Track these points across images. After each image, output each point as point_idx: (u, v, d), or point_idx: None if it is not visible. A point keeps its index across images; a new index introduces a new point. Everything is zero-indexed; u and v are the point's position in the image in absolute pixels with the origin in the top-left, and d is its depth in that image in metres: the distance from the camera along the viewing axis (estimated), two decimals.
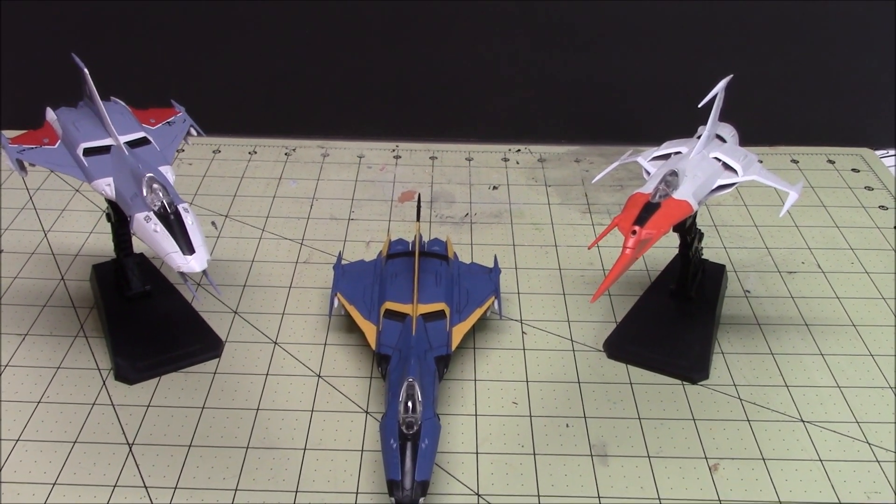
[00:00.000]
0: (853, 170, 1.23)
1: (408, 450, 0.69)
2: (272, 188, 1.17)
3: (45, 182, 1.16)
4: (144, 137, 0.82)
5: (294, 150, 1.27)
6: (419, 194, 1.01)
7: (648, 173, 0.83)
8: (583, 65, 1.29)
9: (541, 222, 1.11)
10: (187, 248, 0.69)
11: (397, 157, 1.26)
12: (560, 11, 1.24)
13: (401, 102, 1.31)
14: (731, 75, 0.87)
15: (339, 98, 1.31)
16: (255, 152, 1.26)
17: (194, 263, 0.69)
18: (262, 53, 1.28)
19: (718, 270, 0.99)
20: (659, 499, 0.74)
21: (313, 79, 1.30)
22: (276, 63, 1.29)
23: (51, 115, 0.87)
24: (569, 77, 1.30)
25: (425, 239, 0.96)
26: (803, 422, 0.82)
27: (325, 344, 0.90)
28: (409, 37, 1.27)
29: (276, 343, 0.90)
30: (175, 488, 0.74)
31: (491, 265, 0.94)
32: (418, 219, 0.95)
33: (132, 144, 0.81)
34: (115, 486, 0.74)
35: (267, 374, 0.86)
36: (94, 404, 0.82)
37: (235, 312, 0.94)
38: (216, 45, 1.28)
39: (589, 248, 1.02)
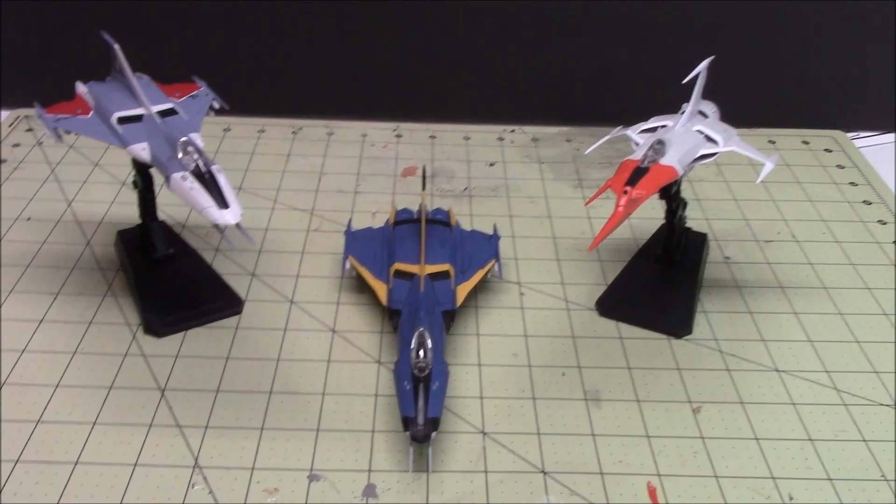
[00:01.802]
0: (826, 150, 1.32)
1: (420, 390, 0.76)
2: (281, 164, 1.24)
3: (65, 157, 1.22)
4: (173, 108, 0.88)
5: (300, 129, 1.33)
6: (424, 166, 1.07)
7: (637, 144, 0.91)
8: (574, 51, 1.36)
9: (535, 196, 1.18)
10: (222, 202, 0.76)
11: (398, 136, 1.33)
12: (552, 4, 1.32)
13: (401, 85, 1.38)
14: (713, 56, 0.95)
15: (343, 81, 1.37)
16: (264, 131, 1.32)
17: (229, 216, 0.75)
18: (269, 38, 1.34)
19: (701, 238, 1.06)
20: (647, 436, 0.82)
21: (318, 62, 1.36)
22: (282, 47, 1.35)
23: (81, 88, 0.93)
24: (560, 62, 1.37)
25: (429, 209, 1.03)
26: (778, 371, 0.90)
27: (338, 303, 0.97)
28: (409, 24, 1.34)
29: (292, 302, 0.97)
30: (206, 427, 0.81)
31: (490, 233, 1.01)
32: (424, 188, 1.02)
33: (161, 114, 0.87)
34: (150, 426, 0.81)
35: (285, 330, 0.93)
36: (126, 355, 0.89)
37: (253, 275, 1.01)
38: (226, 31, 1.34)
39: (586, 205, 1.09)
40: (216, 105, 0.94)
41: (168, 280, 0.96)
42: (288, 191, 1.18)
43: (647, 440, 0.81)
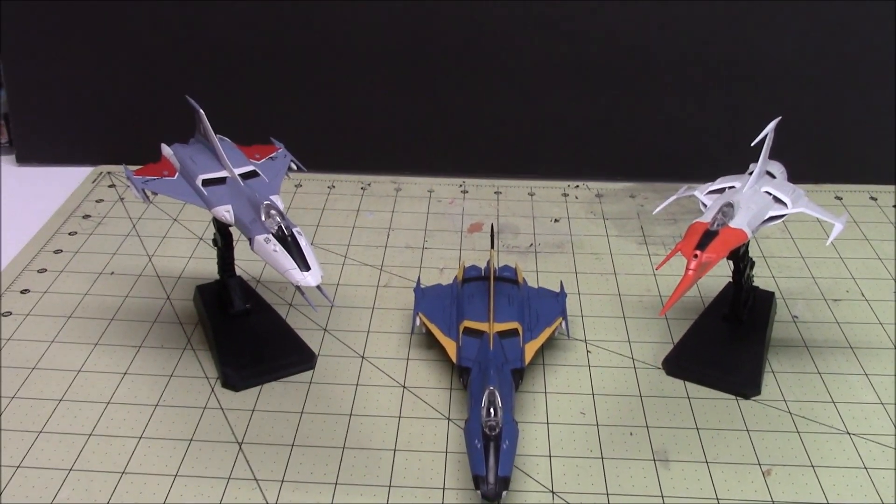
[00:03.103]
0: (895, 206, 1.31)
1: (491, 449, 0.78)
2: (351, 219, 1.28)
3: (146, 212, 1.27)
4: (254, 170, 0.92)
5: (369, 184, 1.37)
6: (493, 224, 1.10)
7: (705, 206, 0.92)
8: (637, 108, 1.38)
9: (600, 252, 1.20)
10: (303, 265, 0.79)
11: (464, 191, 1.36)
12: (614, 61, 1.34)
13: (467, 142, 1.41)
14: (780, 117, 0.96)
15: (410, 138, 1.41)
16: (334, 187, 1.37)
17: (310, 278, 0.78)
18: (338, 98, 1.39)
19: (768, 297, 1.06)
20: (717, 499, 0.82)
21: (386, 120, 1.40)
22: (350, 105, 1.39)
23: (167, 150, 0.97)
24: (624, 119, 1.39)
25: (496, 266, 1.05)
26: (849, 434, 0.89)
27: (408, 359, 0.99)
28: (474, 84, 1.37)
29: (363, 357, 0.99)
30: (282, 481, 0.83)
31: (556, 290, 1.03)
32: (492, 246, 1.04)
33: (244, 177, 0.91)
34: (229, 479, 0.83)
35: (357, 385, 0.95)
36: (205, 408, 0.92)
37: (325, 330, 1.04)
38: (296, 92, 1.39)
39: (656, 269, 1.10)
40: (293, 166, 0.98)
41: (245, 335, 1.00)
42: (358, 246, 1.21)
43: (716, 503, 0.81)
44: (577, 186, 1.37)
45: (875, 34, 1.31)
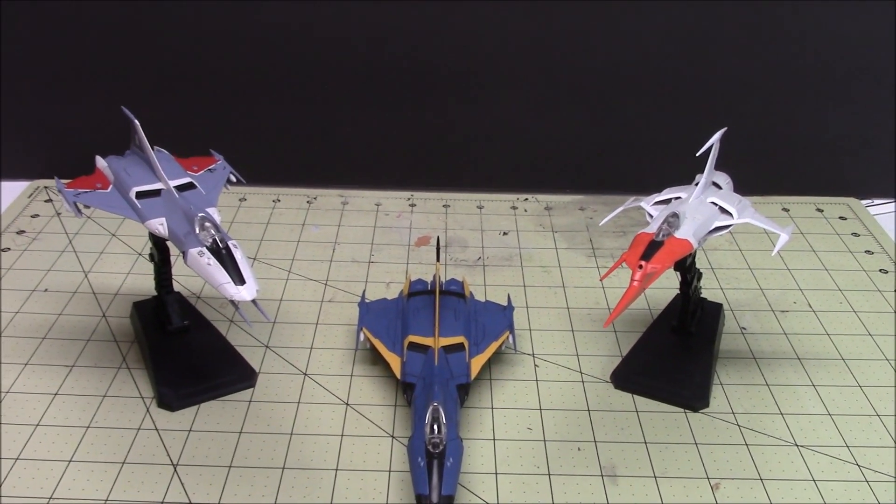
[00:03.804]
0: (840, 218, 1.32)
1: (434, 467, 0.75)
2: (296, 233, 1.25)
3: (82, 227, 1.23)
4: (191, 182, 0.89)
5: (315, 198, 1.35)
6: (438, 237, 1.08)
7: (651, 216, 0.91)
8: (586, 121, 1.37)
9: (549, 265, 1.18)
10: (238, 278, 0.76)
11: (412, 205, 1.34)
12: (564, 75, 1.34)
13: (415, 155, 1.39)
14: (726, 128, 0.95)
15: (357, 151, 1.39)
16: (279, 200, 1.34)
17: (245, 293, 0.76)
18: (284, 110, 1.37)
19: (716, 309, 1.06)
20: None
21: (333, 133, 1.38)
22: (297, 117, 1.37)
23: (101, 162, 0.94)
24: (573, 132, 1.38)
25: (443, 280, 1.03)
26: (797, 446, 0.88)
27: (352, 375, 0.97)
28: (422, 95, 1.36)
29: (305, 374, 0.97)
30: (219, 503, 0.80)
31: (504, 304, 1.01)
32: (438, 259, 1.03)
33: (179, 189, 0.88)
34: (162, 503, 0.80)
35: (298, 403, 0.93)
36: (139, 429, 0.88)
37: (267, 347, 1.01)
38: (241, 104, 1.36)
39: (601, 280, 1.09)
40: (233, 179, 0.96)
41: (183, 353, 0.96)
42: (302, 261, 1.18)
43: None
44: (527, 199, 1.36)
45: (823, 46, 1.32)
